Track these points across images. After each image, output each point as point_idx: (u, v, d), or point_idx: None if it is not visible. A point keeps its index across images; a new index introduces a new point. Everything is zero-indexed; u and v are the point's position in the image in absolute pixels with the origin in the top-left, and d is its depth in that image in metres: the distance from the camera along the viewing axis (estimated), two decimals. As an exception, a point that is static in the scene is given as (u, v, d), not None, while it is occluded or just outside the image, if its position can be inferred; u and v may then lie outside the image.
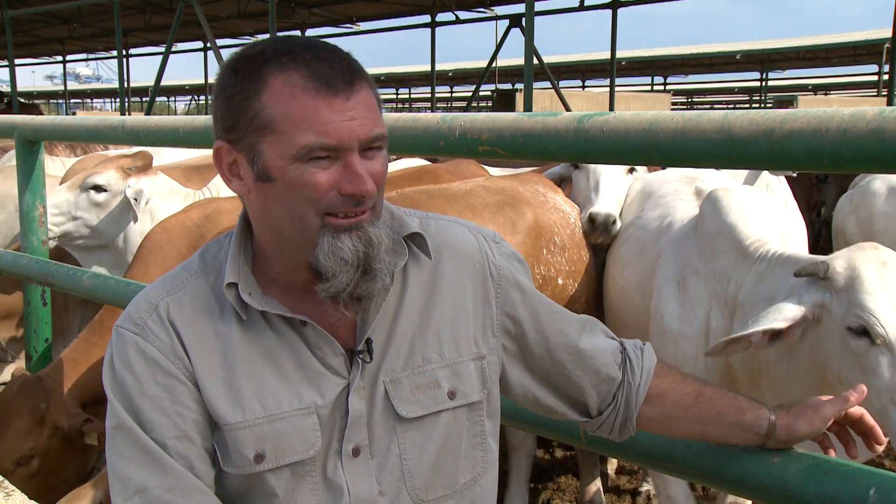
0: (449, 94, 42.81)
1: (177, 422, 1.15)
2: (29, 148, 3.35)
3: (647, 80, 38.45)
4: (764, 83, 34.40)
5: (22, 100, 20.19)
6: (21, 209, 3.40)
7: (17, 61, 19.11)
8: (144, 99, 31.72)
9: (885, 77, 16.69)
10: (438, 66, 20.26)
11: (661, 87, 36.77)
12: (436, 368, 1.26)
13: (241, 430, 1.16)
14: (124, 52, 20.66)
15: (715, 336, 2.49)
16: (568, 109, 12.27)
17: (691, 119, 1.43)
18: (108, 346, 1.22)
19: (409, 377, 1.24)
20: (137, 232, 3.81)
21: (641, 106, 19.12)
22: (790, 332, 2.04)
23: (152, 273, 3.13)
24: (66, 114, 31.78)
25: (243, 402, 1.17)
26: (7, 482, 1.93)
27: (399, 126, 1.92)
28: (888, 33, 14.56)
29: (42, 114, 13.43)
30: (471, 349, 1.29)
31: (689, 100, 43.73)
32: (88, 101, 60.63)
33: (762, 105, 32.20)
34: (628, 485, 4.04)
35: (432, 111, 10.55)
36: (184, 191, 4.12)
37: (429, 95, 25.59)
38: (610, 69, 15.90)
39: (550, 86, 15.92)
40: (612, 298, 3.26)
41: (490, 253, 1.35)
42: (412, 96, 48.83)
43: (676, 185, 3.23)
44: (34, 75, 75.53)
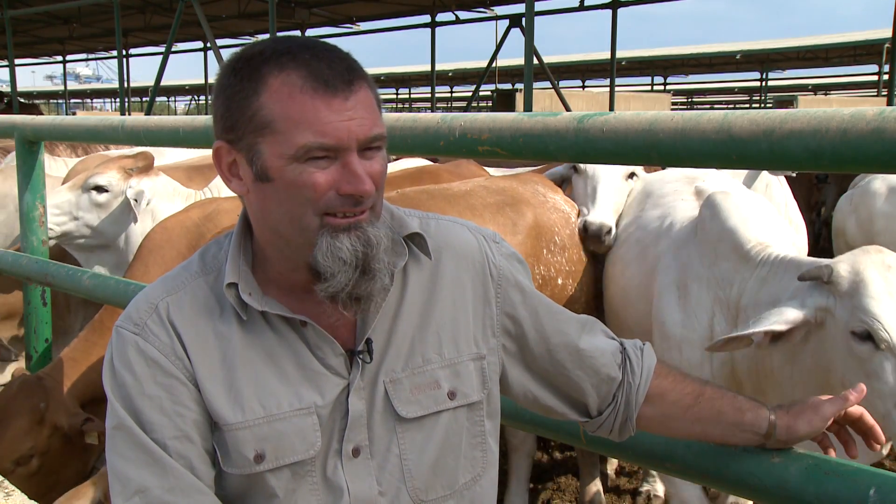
0: (449, 94, 42.81)
1: (177, 422, 1.15)
2: (29, 148, 3.35)
3: (647, 80, 38.45)
4: (764, 83, 34.40)
5: (22, 100, 20.19)
6: (21, 209, 3.40)
7: (17, 61, 19.11)
8: (144, 99, 31.71)
9: (885, 77, 16.69)
10: (438, 66, 20.26)
11: (661, 87, 36.77)
12: (436, 368, 1.26)
13: (241, 431, 1.16)
14: (124, 52, 20.66)
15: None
16: (568, 109, 12.27)
17: (691, 119, 1.43)
18: (108, 346, 1.22)
19: (409, 377, 1.24)
20: (139, 232, 3.81)
21: (641, 106, 19.12)
22: (792, 333, 2.04)
23: (152, 272, 3.12)
24: (66, 114, 31.78)
25: (243, 403, 1.17)
26: (7, 482, 1.93)
27: (399, 126, 1.92)
28: (888, 33, 14.56)
29: (42, 114, 13.43)
30: (471, 349, 1.29)
31: (689, 100, 43.73)
32: (88, 101, 60.61)
33: (762, 105, 32.19)
34: (628, 485, 4.04)
35: (432, 111, 10.55)
36: (185, 191, 4.12)
37: (429, 95, 25.60)
38: (610, 69, 15.90)
39: (550, 86, 15.92)
40: (612, 299, 3.25)
41: (490, 253, 1.35)
42: (412, 96, 48.83)
43: (676, 184, 3.22)
44: (34, 75, 75.68)
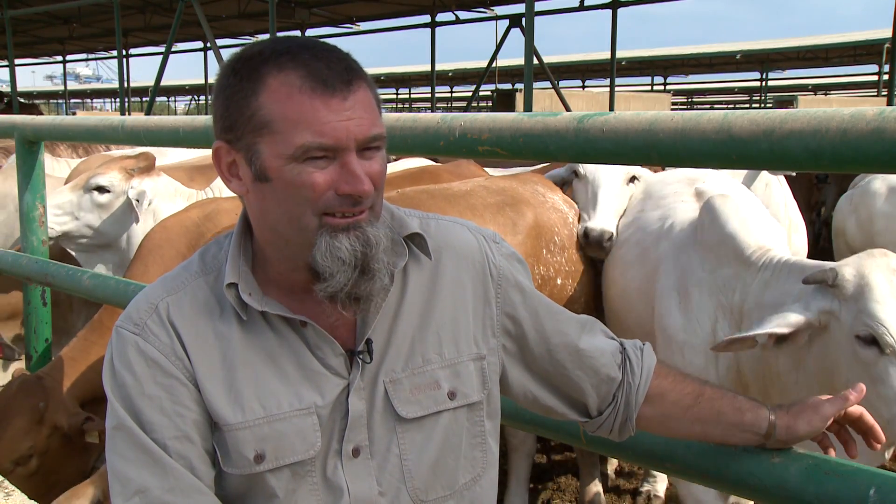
0: (449, 94, 42.81)
1: (177, 422, 1.15)
2: (29, 148, 3.35)
3: (647, 80, 38.45)
4: (764, 83, 34.39)
5: (22, 100, 20.19)
6: (21, 209, 3.40)
7: (17, 61, 19.11)
8: (144, 99, 31.70)
9: (885, 77, 16.69)
10: (438, 66, 20.26)
11: (661, 87, 36.77)
12: (436, 369, 1.26)
13: (241, 431, 1.16)
14: (124, 52, 20.66)
15: None
16: (568, 109, 12.27)
17: (691, 119, 1.43)
18: (108, 346, 1.22)
19: (409, 377, 1.24)
20: (140, 233, 3.80)
21: (641, 106, 19.12)
22: (796, 336, 2.02)
23: (151, 272, 3.12)
24: (66, 114, 31.78)
25: (243, 403, 1.17)
26: (7, 482, 1.93)
27: (399, 126, 1.92)
28: (888, 33, 14.56)
29: (42, 114, 13.43)
30: (471, 349, 1.29)
31: (689, 100, 43.73)
32: (88, 101, 60.61)
33: (762, 105, 32.18)
34: (628, 485, 4.04)
35: (432, 111, 10.55)
36: (187, 191, 4.12)
37: (429, 95, 25.59)
38: (610, 69, 15.91)
39: (550, 86, 15.93)
40: (612, 301, 3.24)
41: (490, 253, 1.35)
42: (412, 96, 48.83)
43: (677, 186, 3.21)
44: (34, 75, 75.63)
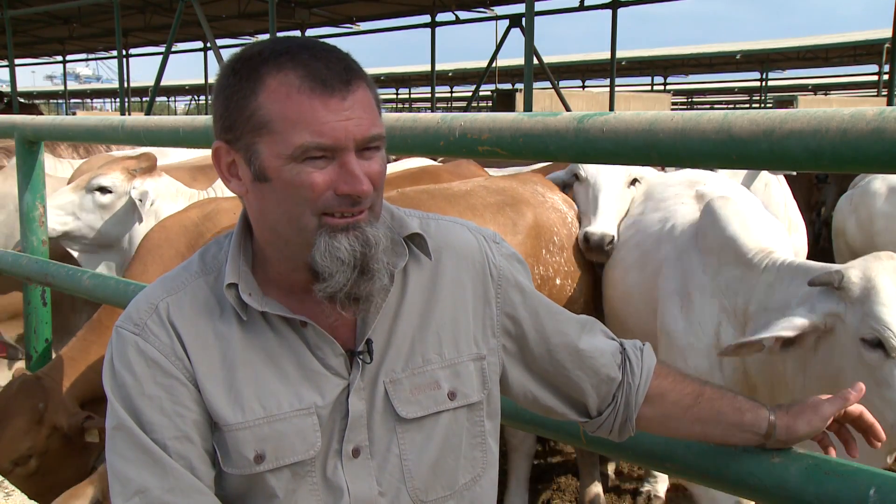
0: (449, 94, 42.81)
1: (177, 422, 1.14)
2: (29, 148, 3.35)
3: (647, 80, 38.45)
4: (764, 83, 34.38)
5: (22, 100, 20.19)
6: (21, 209, 3.39)
7: (17, 61, 19.11)
8: (144, 99, 31.70)
9: (885, 77, 16.70)
10: (438, 66, 20.26)
11: (661, 87, 36.78)
12: (436, 369, 1.26)
13: (241, 431, 1.16)
14: (124, 52, 20.65)
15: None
16: (568, 109, 12.28)
17: (691, 119, 1.43)
18: (108, 346, 1.21)
19: (409, 378, 1.24)
20: (142, 233, 3.81)
21: (641, 106, 19.13)
22: (802, 339, 2.01)
23: (150, 272, 3.12)
24: (66, 114, 31.79)
25: (243, 403, 1.17)
26: (7, 482, 1.93)
27: (399, 126, 1.92)
28: (888, 33, 14.56)
29: (42, 114, 13.43)
30: (471, 349, 1.29)
31: (689, 100, 43.73)
32: (88, 101, 60.61)
33: (762, 105, 32.18)
34: (628, 485, 4.04)
35: (432, 111, 10.55)
36: (188, 191, 4.12)
37: (429, 95, 25.59)
38: (610, 69, 15.91)
39: (550, 86, 15.93)
40: (613, 303, 3.22)
41: (490, 253, 1.35)
42: (412, 96, 48.83)
43: (678, 188, 3.19)
44: (34, 75, 75.61)
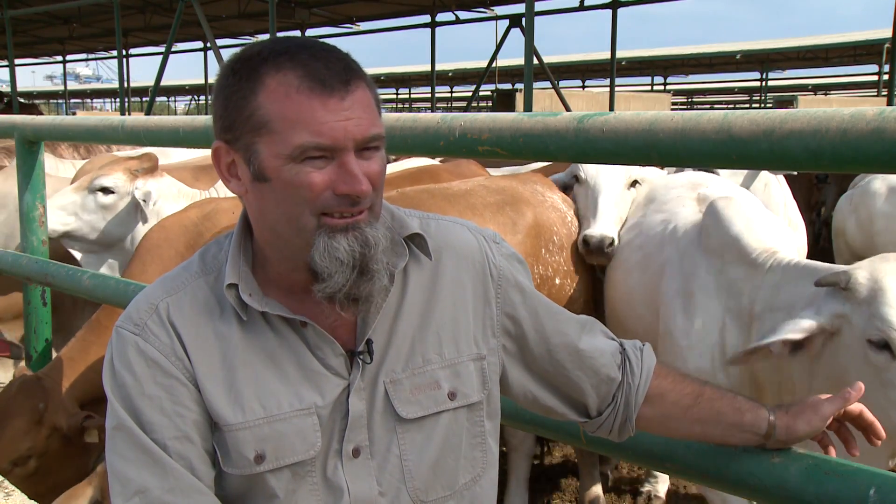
0: (449, 94, 42.82)
1: (177, 422, 1.14)
2: (29, 148, 3.35)
3: (647, 80, 38.46)
4: (764, 83, 34.38)
5: (22, 100, 20.19)
6: (21, 209, 3.39)
7: (17, 61, 19.11)
8: (144, 99, 31.72)
9: (885, 77, 16.70)
10: (438, 66, 20.26)
11: (661, 87, 36.78)
12: (436, 369, 1.26)
13: (241, 431, 1.16)
14: (124, 52, 20.66)
15: (732, 351, 2.43)
16: (568, 109, 12.27)
17: (691, 119, 1.43)
18: (108, 346, 1.21)
19: (409, 378, 1.24)
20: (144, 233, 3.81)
21: (641, 106, 19.14)
22: (811, 342, 2.00)
23: (149, 272, 3.13)
24: (66, 114, 31.78)
25: (243, 403, 1.17)
26: (7, 482, 1.94)
27: (399, 126, 1.92)
28: (888, 33, 14.56)
29: (42, 114, 13.43)
30: (471, 349, 1.29)
31: (689, 100, 43.74)
32: (88, 101, 60.62)
33: (762, 105, 32.18)
34: (628, 485, 4.04)
35: (432, 111, 10.55)
36: (190, 191, 4.12)
37: (429, 95, 25.60)
38: (610, 69, 15.91)
39: (550, 86, 15.93)
40: (615, 305, 3.20)
41: (490, 253, 1.35)
42: (412, 96, 48.84)
43: (680, 190, 3.17)
44: (34, 75, 75.68)
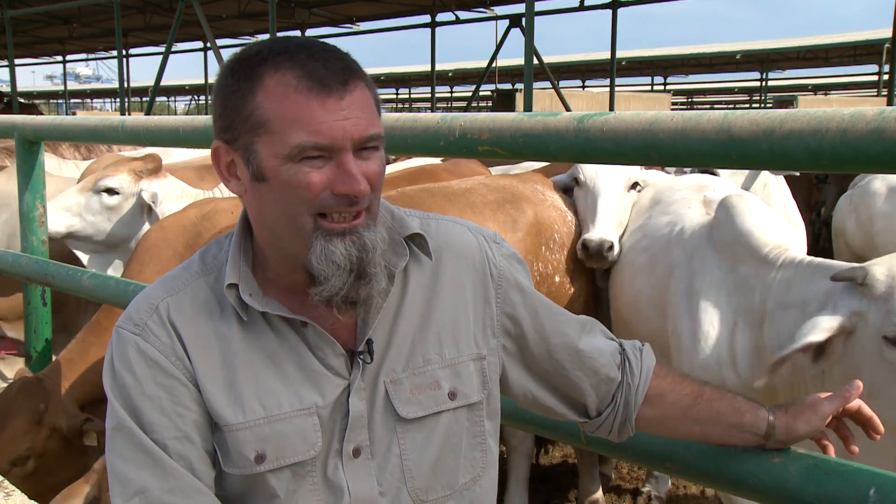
0: (449, 94, 42.82)
1: (177, 422, 1.14)
2: (29, 148, 3.35)
3: (647, 80, 38.47)
4: (764, 83, 34.39)
5: (22, 100, 20.19)
6: (21, 209, 3.39)
7: (17, 61, 19.12)
8: (144, 99, 31.72)
9: (885, 77, 16.71)
10: (438, 66, 20.26)
11: (661, 87, 36.79)
12: (436, 369, 1.26)
13: (241, 431, 1.16)
14: (124, 52, 20.66)
15: (742, 350, 2.40)
16: (568, 109, 12.28)
17: (691, 119, 1.43)
18: (108, 346, 1.21)
19: (409, 378, 1.24)
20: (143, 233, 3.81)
21: (641, 106, 19.15)
22: (830, 345, 1.97)
23: (148, 271, 3.13)
24: (66, 114, 31.80)
25: (244, 403, 1.16)
26: (7, 482, 1.94)
27: (399, 126, 1.92)
28: (888, 33, 14.56)
29: (41, 114, 13.43)
30: (471, 349, 1.29)
31: (689, 100, 43.75)
32: (88, 101, 60.63)
33: (762, 105, 32.19)
34: (628, 485, 4.05)
35: (432, 111, 10.55)
36: (193, 192, 4.11)
37: (429, 95, 25.60)
38: (610, 69, 15.92)
39: (550, 86, 15.94)
40: (621, 308, 3.15)
41: (490, 253, 1.35)
42: (412, 96, 48.84)
43: (685, 192, 3.14)
44: (34, 75, 75.67)
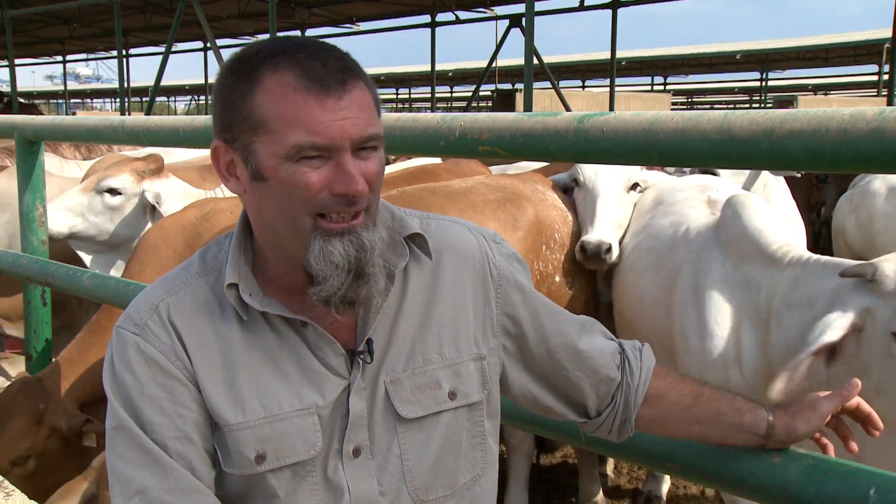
0: (449, 94, 42.80)
1: (177, 422, 1.14)
2: (29, 148, 3.35)
3: (647, 80, 38.45)
4: (764, 83, 34.38)
5: (22, 100, 20.19)
6: (21, 209, 3.39)
7: (17, 61, 19.11)
8: (144, 99, 31.72)
9: (885, 77, 16.70)
10: (438, 66, 20.26)
11: (661, 87, 36.78)
12: (436, 369, 1.26)
13: (241, 431, 1.16)
14: (124, 52, 20.66)
15: (747, 349, 2.39)
16: (568, 109, 12.28)
17: (691, 119, 1.43)
18: (108, 346, 1.21)
19: (409, 377, 1.24)
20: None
21: (641, 106, 19.14)
22: (842, 347, 1.96)
23: (147, 271, 3.13)
24: (66, 114, 31.79)
25: (244, 403, 1.16)
26: (8, 482, 1.94)
27: (399, 126, 1.92)
28: (888, 33, 14.56)
29: (41, 114, 13.43)
30: (471, 349, 1.29)
31: (689, 100, 43.74)
32: (88, 101, 60.62)
33: (762, 105, 32.18)
34: (628, 485, 4.05)
35: (432, 111, 10.55)
36: (195, 192, 4.11)
37: (429, 95, 25.60)
38: (610, 69, 15.91)
39: (550, 86, 15.94)
40: (626, 309, 3.13)
41: (490, 253, 1.35)
42: (412, 96, 48.84)
43: (689, 192, 3.13)
44: (34, 75, 75.73)
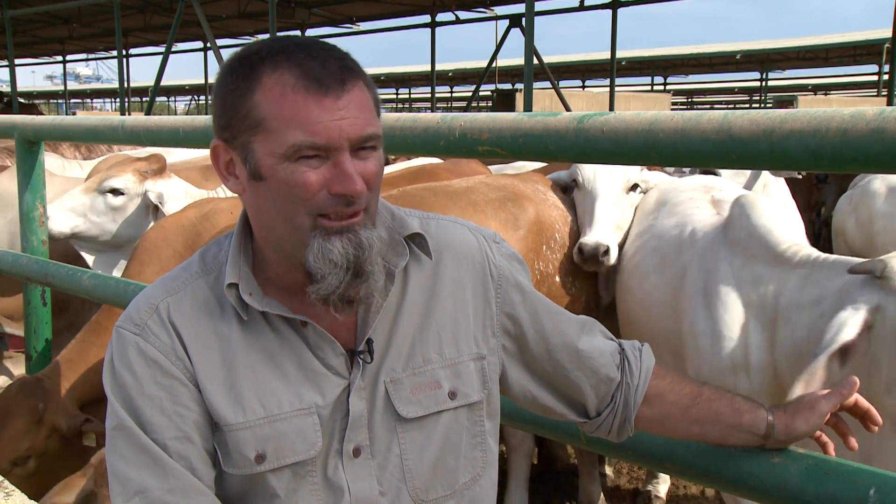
0: (449, 94, 42.82)
1: (177, 422, 1.14)
2: (29, 148, 3.35)
3: (647, 80, 38.46)
4: (764, 83, 34.40)
5: (22, 100, 20.20)
6: (21, 209, 3.39)
7: (17, 61, 19.13)
8: (144, 99, 31.73)
9: (885, 77, 16.71)
10: (438, 66, 20.27)
11: (661, 87, 36.79)
12: (436, 368, 1.26)
13: (241, 431, 1.16)
14: (124, 52, 20.67)
15: (755, 349, 2.37)
16: (568, 109, 12.28)
17: (691, 119, 1.43)
18: (108, 346, 1.21)
19: (409, 377, 1.24)
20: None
21: (641, 106, 19.15)
22: (857, 345, 1.93)
23: (147, 271, 3.13)
24: (66, 114, 31.80)
25: (244, 403, 1.17)
26: (7, 482, 1.94)
27: (399, 126, 1.92)
28: (888, 33, 14.56)
29: (41, 114, 13.44)
30: (471, 349, 1.29)
31: (689, 100, 43.75)
32: (88, 101, 60.64)
33: (762, 105, 32.19)
34: (628, 485, 4.05)
35: (432, 111, 10.55)
36: (197, 192, 4.11)
37: (429, 95, 25.60)
38: (610, 69, 15.93)
39: (550, 86, 15.95)
40: (630, 310, 3.11)
41: (490, 253, 1.35)
42: (412, 96, 48.85)
43: (692, 193, 3.12)
44: (34, 75, 75.78)
